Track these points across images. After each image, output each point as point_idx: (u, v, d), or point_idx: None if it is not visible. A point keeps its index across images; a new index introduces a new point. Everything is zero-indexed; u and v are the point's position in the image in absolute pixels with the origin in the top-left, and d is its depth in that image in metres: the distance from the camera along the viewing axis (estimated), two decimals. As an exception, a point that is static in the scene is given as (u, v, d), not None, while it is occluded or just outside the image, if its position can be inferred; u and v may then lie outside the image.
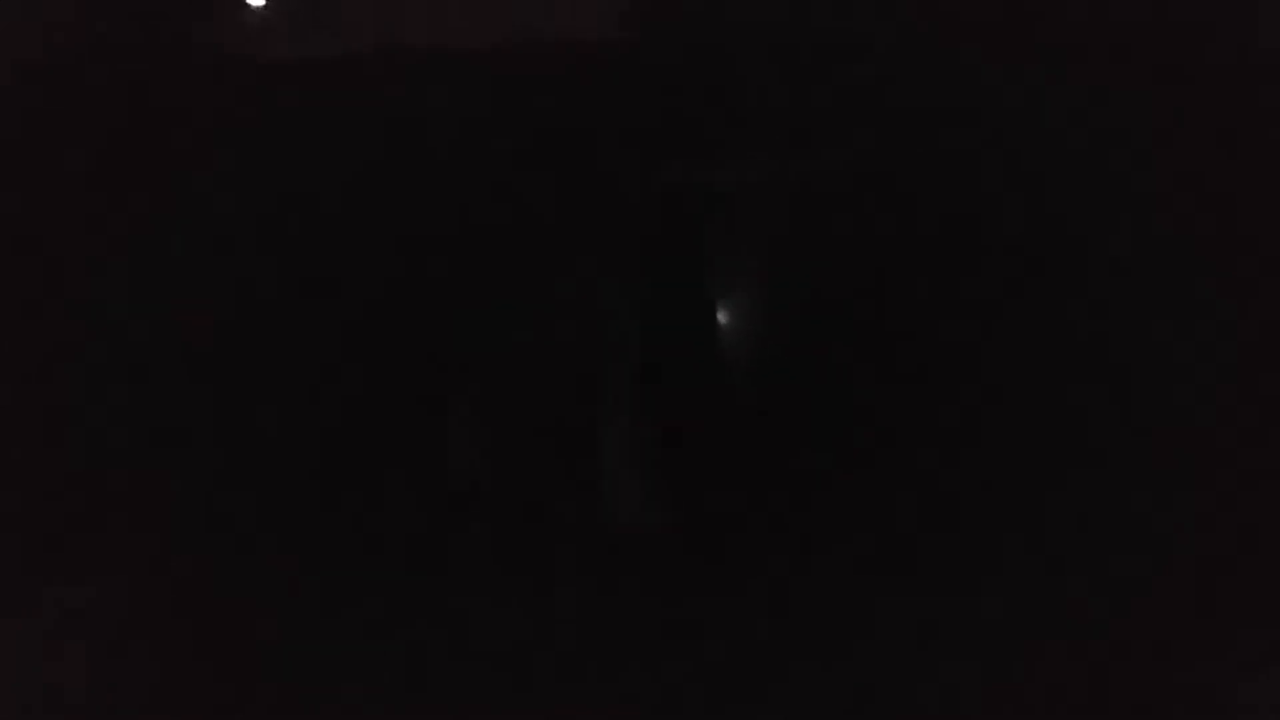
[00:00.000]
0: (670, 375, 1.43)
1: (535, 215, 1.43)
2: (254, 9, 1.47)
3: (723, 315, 1.41)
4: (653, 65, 1.44)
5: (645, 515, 1.43)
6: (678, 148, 1.43)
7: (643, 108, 1.43)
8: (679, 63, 1.43)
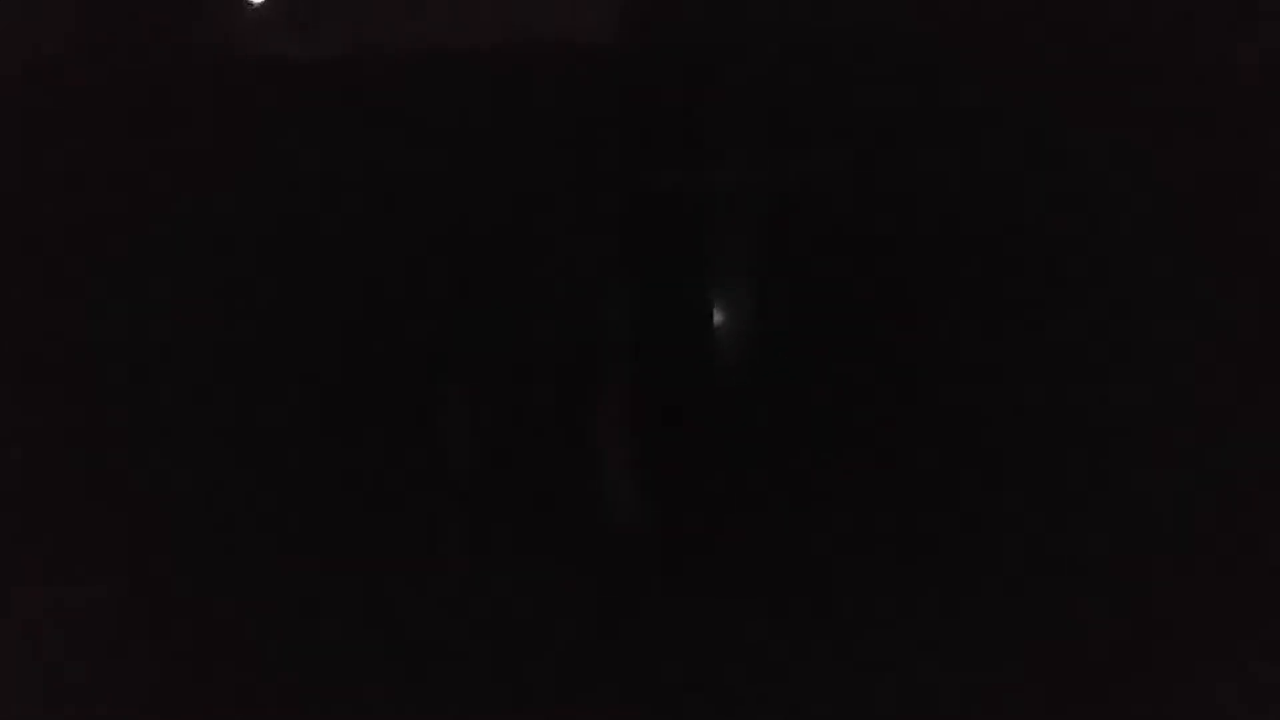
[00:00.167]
0: (669, 374, 1.43)
1: (532, 215, 1.43)
2: (253, 8, 1.47)
3: (721, 315, 1.41)
4: (652, 64, 1.44)
5: (643, 515, 1.43)
6: (676, 147, 1.43)
7: (641, 107, 1.43)
8: (678, 62, 1.43)
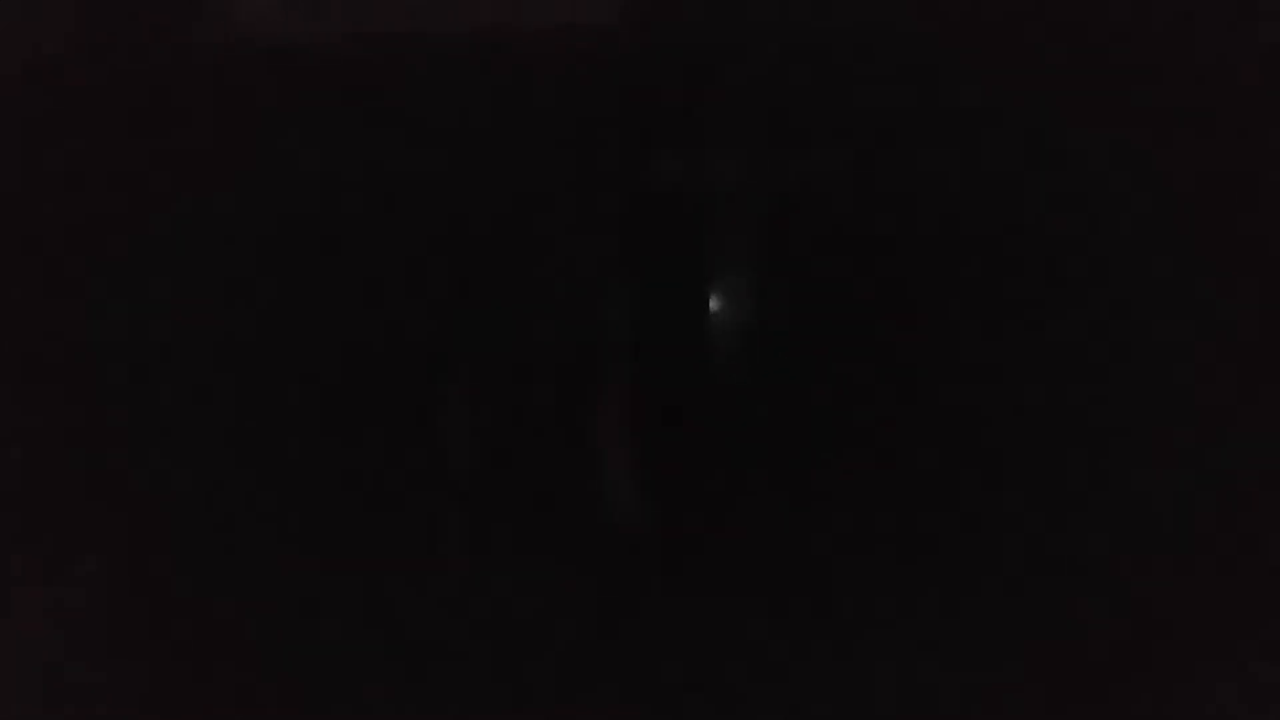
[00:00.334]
0: (669, 374, 1.43)
1: (532, 214, 1.43)
2: (253, 8, 1.47)
3: (721, 315, 1.41)
4: (652, 64, 1.44)
5: (643, 515, 1.43)
6: (676, 147, 1.43)
7: (641, 107, 1.43)
8: (678, 61, 1.43)
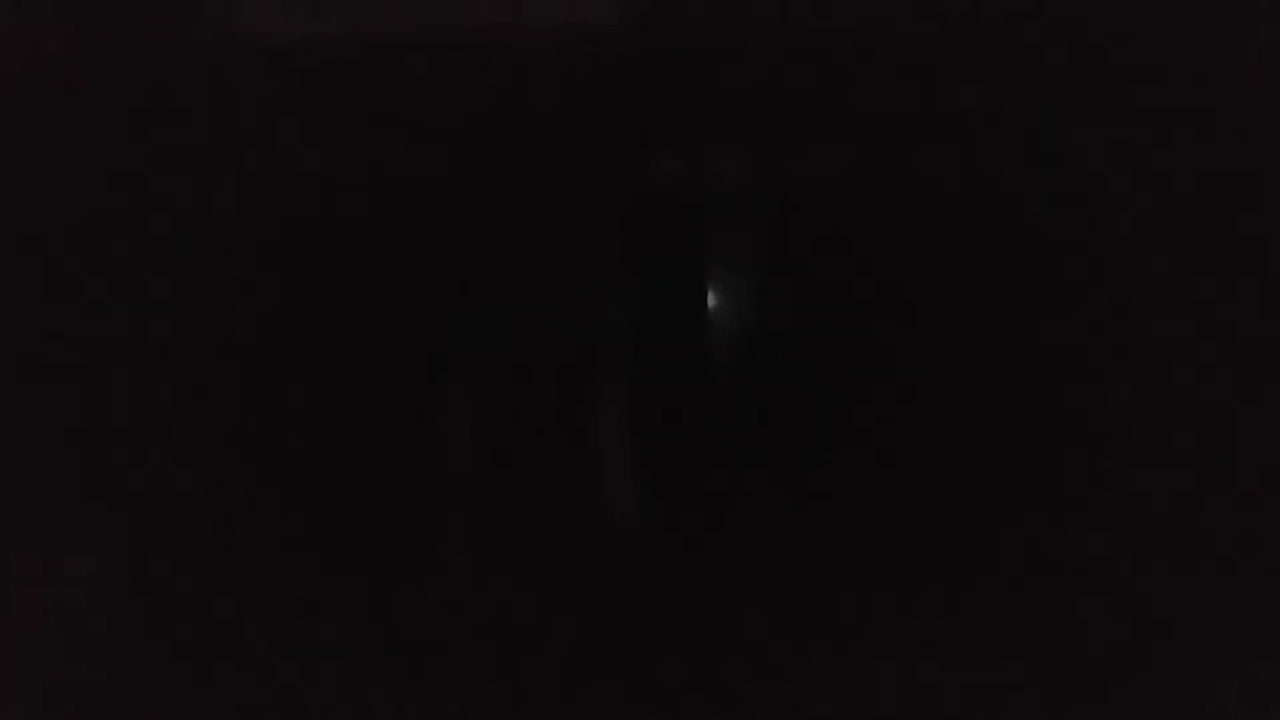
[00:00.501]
0: (669, 374, 1.43)
1: (532, 214, 1.43)
2: (252, 8, 1.48)
3: (721, 315, 1.41)
4: (652, 64, 1.44)
5: (643, 515, 1.43)
6: (676, 146, 1.43)
7: (641, 107, 1.43)
8: (678, 61, 1.43)
